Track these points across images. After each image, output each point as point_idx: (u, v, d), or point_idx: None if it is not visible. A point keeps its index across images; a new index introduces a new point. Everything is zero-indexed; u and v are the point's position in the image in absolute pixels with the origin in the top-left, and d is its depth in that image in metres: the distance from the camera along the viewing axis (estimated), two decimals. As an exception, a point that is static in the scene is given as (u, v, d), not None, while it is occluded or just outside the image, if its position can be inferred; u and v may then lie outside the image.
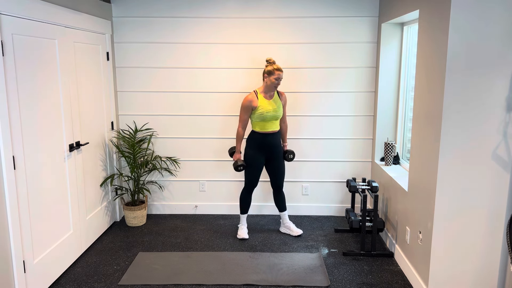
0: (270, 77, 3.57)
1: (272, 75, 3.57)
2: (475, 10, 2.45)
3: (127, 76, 4.25)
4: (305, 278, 3.14)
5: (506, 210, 2.64)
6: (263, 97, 3.63)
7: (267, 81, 3.59)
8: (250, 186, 3.82)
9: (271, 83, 3.58)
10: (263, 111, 3.60)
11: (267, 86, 3.61)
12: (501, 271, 2.72)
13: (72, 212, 3.35)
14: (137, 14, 4.14)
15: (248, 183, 3.81)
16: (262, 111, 3.60)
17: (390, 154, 3.92)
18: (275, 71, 3.56)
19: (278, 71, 3.56)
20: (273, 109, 3.63)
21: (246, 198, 3.88)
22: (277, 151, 3.76)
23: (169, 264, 3.36)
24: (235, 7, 4.10)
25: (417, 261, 2.98)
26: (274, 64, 3.61)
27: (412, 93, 3.75)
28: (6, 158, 2.53)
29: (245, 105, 3.62)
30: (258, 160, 3.73)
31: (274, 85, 3.59)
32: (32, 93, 2.80)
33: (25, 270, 2.75)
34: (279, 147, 3.77)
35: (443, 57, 2.56)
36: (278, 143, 3.76)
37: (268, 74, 3.58)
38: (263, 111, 3.60)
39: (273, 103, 3.65)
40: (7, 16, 2.54)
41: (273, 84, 3.58)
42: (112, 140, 4.12)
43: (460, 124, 2.57)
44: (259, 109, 3.60)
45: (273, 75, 3.56)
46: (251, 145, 3.72)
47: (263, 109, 3.60)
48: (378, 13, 4.07)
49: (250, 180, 3.79)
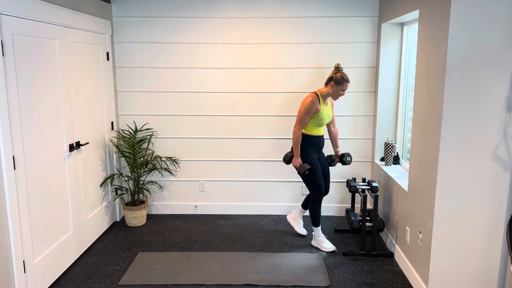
0: (338, 86, 3.39)
1: (340, 85, 3.38)
2: (475, 10, 2.45)
3: (127, 76, 4.25)
4: (305, 278, 3.13)
5: (506, 210, 2.64)
6: (322, 101, 3.47)
7: (334, 90, 3.41)
8: (320, 193, 3.56)
9: (337, 93, 3.42)
10: (324, 116, 3.48)
11: (331, 94, 3.44)
12: (501, 271, 2.72)
13: (72, 212, 3.35)
14: (137, 14, 4.14)
15: (317, 191, 3.55)
16: (322, 116, 3.47)
17: (390, 154, 3.92)
18: (345, 83, 3.38)
19: (348, 83, 3.40)
20: (329, 115, 3.54)
21: (319, 209, 3.60)
22: (323, 155, 3.71)
23: (169, 264, 3.36)
24: (235, 7, 4.10)
25: (417, 261, 2.98)
26: (344, 73, 3.40)
27: (412, 93, 3.75)
28: (6, 158, 2.53)
29: (310, 107, 3.40)
30: (317, 163, 3.55)
31: (339, 96, 3.45)
32: (32, 93, 2.80)
33: (25, 270, 2.75)
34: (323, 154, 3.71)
35: (443, 57, 2.56)
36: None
37: (336, 83, 3.38)
38: (324, 116, 3.48)
39: (329, 108, 3.55)
40: (7, 16, 2.54)
41: (339, 95, 3.44)
42: (112, 140, 4.12)
43: (460, 124, 2.57)
44: (320, 114, 3.46)
45: (341, 86, 3.39)
46: (307, 150, 3.52)
47: (324, 114, 3.48)
48: (378, 13, 4.07)
49: (318, 187, 3.53)
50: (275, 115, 4.28)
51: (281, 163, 4.38)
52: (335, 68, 3.45)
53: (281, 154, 4.36)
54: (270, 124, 4.30)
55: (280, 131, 4.31)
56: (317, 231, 3.66)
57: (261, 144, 4.35)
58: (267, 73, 4.21)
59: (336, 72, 3.41)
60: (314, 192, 3.57)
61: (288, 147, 4.34)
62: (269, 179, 4.42)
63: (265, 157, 4.37)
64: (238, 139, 4.34)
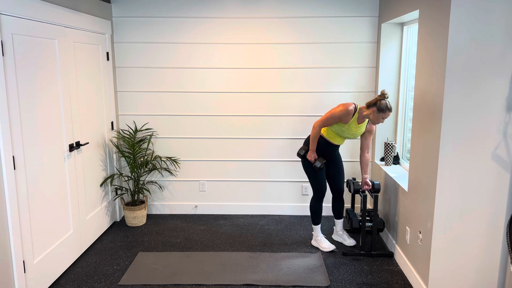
0: (379, 114, 3.25)
1: (382, 113, 3.24)
2: (475, 10, 2.45)
3: (127, 76, 4.25)
4: (305, 278, 3.14)
5: (506, 210, 2.64)
6: (355, 119, 3.37)
7: (373, 116, 3.28)
8: (320, 193, 3.60)
9: (376, 120, 3.30)
10: (346, 131, 3.41)
11: (369, 118, 3.33)
12: (501, 271, 2.72)
13: (72, 212, 3.35)
14: (137, 14, 4.14)
15: (317, 191, 3.60)
16: (345, 130, 3.40)
17: (390, 154, 3.92)
18: (387, 111, 3.24)
19: (390, 111, 3.25)
20: (353, 133, 3.44)
21: (318, 207, 3.65)
22: (337, 158, 3.65)
23: (169, 264, 3.36)
24: (235, 7, 4.10)
25: (417, 261, 2.98)
26: (388, 102, 3.24)
27: (412, 93, 3.75)
28: (6, 158, 2.53)
29: (339, 115, 3.34)
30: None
31: (378, 122, 3.33)
32: (32, 93, 2.80)
33: (25, 270, 2.75)
34: (339, 156, 3.66)
35: (443, 57, 2.56)
36: (338, 152, 3.66)
37: (378, 110, 3.24)
38: (346, 131, 3.41)
39: (359, 128, 3.44)
40: (7, 16, 2.54)
41: (378, 121, 3.31)
42: (112, 140, 4.12)
43: (460, 124, 2.57)
44: (345, 126, 3.39)
45: (383, 114, 3.25)
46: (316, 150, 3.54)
47: (348, 130, 3.40)
48: (378, 13, 4.07)
49: (319, 187, 3.58)
50: (275, 115, 4.29)
51: (281, 163, 4.38)
52: (381, 95, 3.27)
53: (281, 154, 4.36)
54: (270, 124, 4.30)
55: (280, 131, 4.31)
56: (316, 230, 3.69)
57: (261, 144, 4.35)
58: (267, 73, 4.21)
59: (381, 99, 3.25)
60: (314, 191, 3.61)
61: (288, 146, 4.34)
62: (269, 179, 4.42)
63: (265, 157, 4.37)
64: (238, 139, 4.35)
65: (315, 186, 3.59)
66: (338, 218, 3.78)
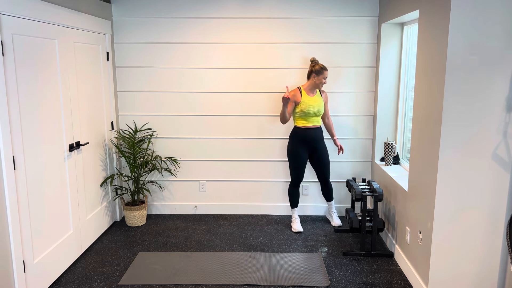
0: (318, 76, 3.76)
1: (320, 74, 3.75)
2: (475, 10, 2.45)
3: (127, 76, 4.25)
4: (305, 278, 3.14)
5: (506, 210, 2.64)
6: (306, 93, 3.82)
7: (316, 80, 3.78)
8: (296, 180, 3.99)
9: (319, 82, 3.77)
10: (306, 106, 3.79)
11: (314, 84, 3.80)
12: (501, 271, 2.72)
13: (72, 212, 3.35)
14: (137, 14, 4.14)
15: (294, 178, 3.98)
16: (304, 106, 3.79)
17: (390, 154, 3.92)
18: (324, 71, 3.75)
19: (326, 70, 3.76)
20: (314, 105, 3.81)
21: (294, 192, 4.05)
22: (320, 146, 3.94)
23: (169, 264, 3.36)
24: (235, 7, 4.10)
25: (417, 261, 2.98)
26: (321, 64, 3.78)
27: (412, 93, 3.75)
28: (6, 158, 2.53)
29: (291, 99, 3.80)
30: (301, 154, 3.91)
31: (322, 84, 3.78)
32: (32, 93, 2.80)
33: (25, 270, 2.75)
34: (321, 142, 3.95)
35: (443, 57, 2.56)
36: (320, 137, 3.94)
37: (316, 74, 3.76)
38: (305, 106, 3.79)
39: (315, 100, 3.83)
40: (7, 16, 2.54)
41: (321, 83, 3.78)
42: (112, 140, 4.12)
43: (460, 124, 2.57)
44: (301, 104, 3.80)
45: (321, 75, 3.75)
46: (293, 140, 3.91)
47: (306, 105, 3.79)
48: (378, 13, 4.07)
49: (295, 174, 3.96)
50: (275, 115, 4.29)
51: (281, 163, 4.38)
52: (311, 62, 3.87)
53: (281, 154, 4.36)
54: (270, 124, 4.30)
55: (280, 131, 4.31)
56: (292, 212, 4.13)
57: (261, 144, 4.35)
58: (267, 73, 4.21)
59: (314, 65, 3.80)
60: (291, 178, 4.01)
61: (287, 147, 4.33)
62: (269, 179, 4.42)
63: (265, 157, 4.37)
64: (238, 139, 4.35)
65: (293, 173, 3.97)
66: (329, 200, 4.19)
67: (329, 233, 3.98)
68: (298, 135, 3.88)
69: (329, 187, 4.11)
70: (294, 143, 3.90)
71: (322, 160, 3.96)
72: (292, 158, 3.92)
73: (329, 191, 4.12)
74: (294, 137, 3.91)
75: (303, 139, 3.87)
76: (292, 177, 3.99)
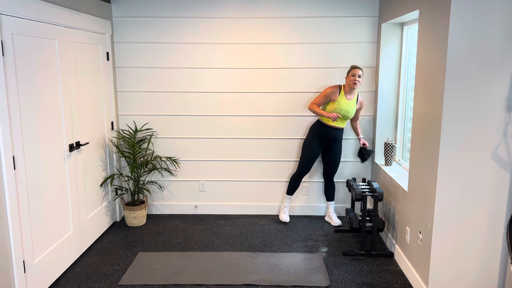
0: (348, 75, 3.79)
1: (349, 72, 3.79)
2: (475, 10, 2.45)
3: (127, 76, 4.25)
4: (305, 278, 3.14)
5: (506, 210, 2.64)
6: (344, 94, 3.83)
7: (347, 80, 3.80)
8: (302, 171, 4.05)
9: (349, 81, 3.77)
10: (338, 107, 3.81)
11: (348, 84, 3.81)
12: (501, 271, 2.72)
13: (72, 212, 3.35)
14: (137, 14, 4.14)
15: (301, 169, 4.04)
16: (337, 106, 3.81)
17: (390, 154, 3.92)
18: (351, 69, 3.77)
19: (354, 69, 3.76)
20: (346, 110, 3.82)
21: (295, 181, 4.12)
22: (336, 145, 4.00)
23: (169, 264, 3.36)
24: (235, 7, 4.10)
25: (417, 261, 2.98)
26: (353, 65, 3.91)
27: (412, 93, 3.75)
28: (6, 158, 2.53)
29: (327, 93, 3.83)
30: (315, 149, 3.97)
31: (353, 82, 3.75)
32: (32, 93, 2.80)
33: (25, 270, 2.75)
34: (339, 142, 4.00)
35: (443, 57, 2.56)
36: (340, 138, 3.98)
37: (347, 74, 3.81)
38: (338, 107, 3.81)
39: (350, 104, 3.84)
40: (7, 16, 2.54)
41: (352, 81, 3.75)
42: (112, 140, 4.12)
43: (460, 124, 2.57)
44: (334, 103, 3.82)
45: (349, 73, 3.78)
46: (313, 133, 3.97)
47: (339, 106, 3.81)
48: (378, 13, 4.07)
49: (303, 166, 4.02)
50: (275, 115, 4.29)
51: (281, 163, 4.38)
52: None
53: (281, 154, 4.36)
54: (270, 124, 4.30)
55: (280, 131, 4.31)
56: (285, 199, 4.21)
57: (261, 144, 4.35)
58: (267, 73, 4.21)
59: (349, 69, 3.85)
60: (298, 167, 4.06)
61: (288, 146, 4.33)
62: (269, 179, 4.42)
63: (266, 157, 4.37)
64: (238, 139, 4.35)
65: (301, 163, 4.03)
66: (329, 200, 4.22)
67: (329, 233, 3.98)
68: (319, 130, 3.93)
69: (333, 187, 4.18)
70: (313, 135, 3.96)
71: (334, 159, 4.03)
72: (305, 149, 3.99)
73: (332, 190, 4.18)
74: (314, 130, 3.96)
75: (323, 135, 3.92)
76: (299, 167, 4.05)
